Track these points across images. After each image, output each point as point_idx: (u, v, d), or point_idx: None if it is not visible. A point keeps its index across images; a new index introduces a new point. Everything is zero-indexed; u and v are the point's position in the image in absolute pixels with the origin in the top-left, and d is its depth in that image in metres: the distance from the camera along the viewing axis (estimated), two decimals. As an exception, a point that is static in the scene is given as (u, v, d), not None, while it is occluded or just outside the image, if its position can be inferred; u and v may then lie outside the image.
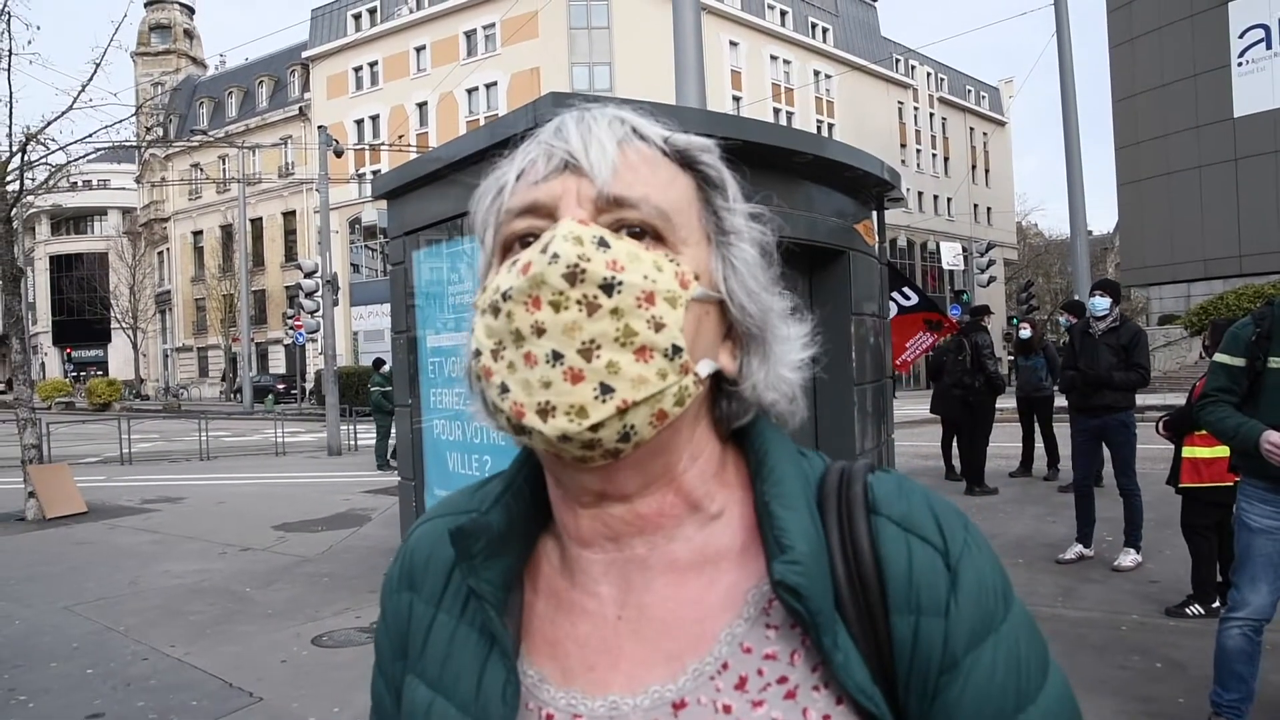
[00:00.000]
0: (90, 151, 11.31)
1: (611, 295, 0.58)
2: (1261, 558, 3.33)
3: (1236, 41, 23.02)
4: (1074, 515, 6.51)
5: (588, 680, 0.65)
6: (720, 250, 0.66)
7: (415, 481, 6.17)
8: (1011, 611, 0.64)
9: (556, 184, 0.63)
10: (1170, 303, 25.84)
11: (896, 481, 0.68)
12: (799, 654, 0.62)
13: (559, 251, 0.58)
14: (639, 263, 0.59)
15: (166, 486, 12.55)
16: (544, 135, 0.66)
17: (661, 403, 0.59)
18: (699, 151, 0.68)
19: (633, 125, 0.66)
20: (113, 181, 59.69)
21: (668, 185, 0.65)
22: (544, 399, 0.58)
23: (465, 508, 0.73)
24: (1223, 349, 3.47)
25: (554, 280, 0.58)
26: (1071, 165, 13.36)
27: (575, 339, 0.57)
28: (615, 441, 0.59)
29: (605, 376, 0.58)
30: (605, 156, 0.62)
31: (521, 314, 0.59)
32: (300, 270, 19.67)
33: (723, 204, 0.68)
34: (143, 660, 4.88)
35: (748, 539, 0.66)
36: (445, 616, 0.70)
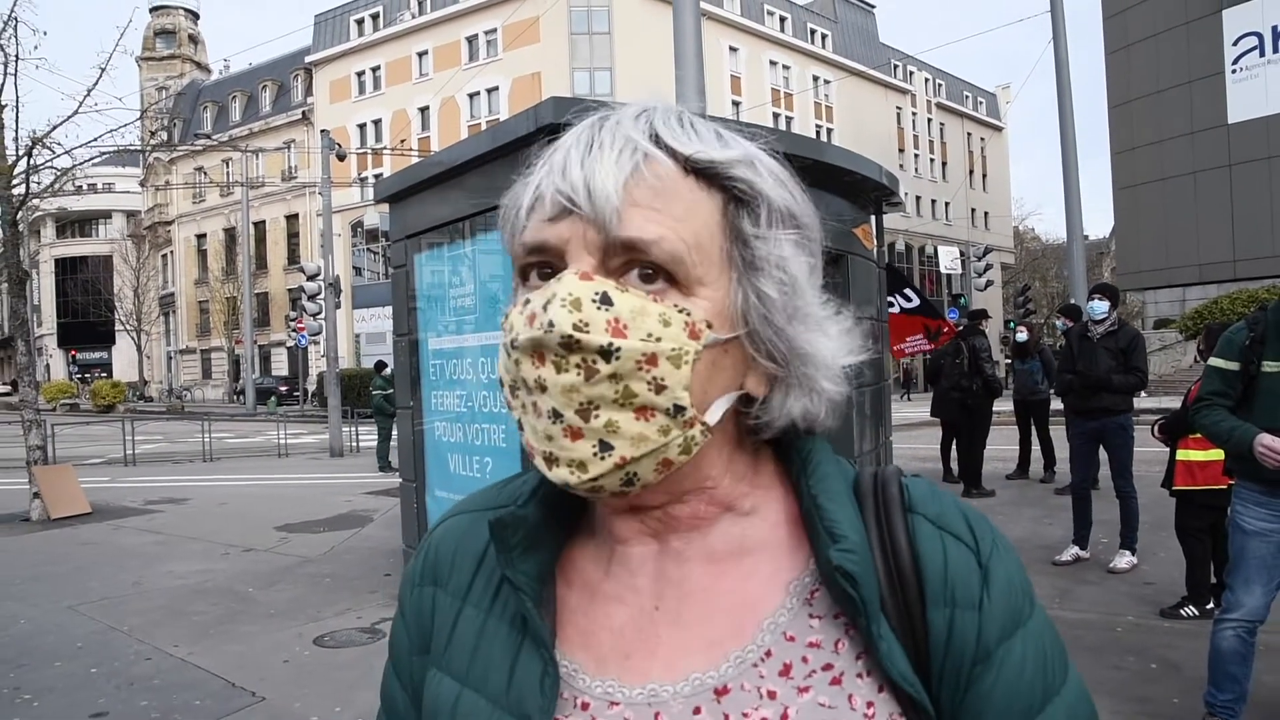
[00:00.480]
0: (95, 155, 11.35)
1: (610, 361, 0.58)
2: (1255, 560, 3.36)
3: (1231, 48, 23.07)
4: (1070, 517, 6.54)
5: (624, 668, 0.65)
6: (746, 284, 0.63)
7: (416, 483, 6.21)
8: (1036, 609, 0.67)
9: (564, 227, 0.61)
10: (1165, 307, 25.86)
11: (928, 485, 0.70)
12: (843, 642, 0.64)
13: (555, 320, 0.57)
14: (644, 319, 0.58)
15: (170, 487, 12.59)
16: (555, 163, 0.63)
17: (665, 454, 0.60)
18: (728, 167, 0.63)
19: (644, 150, 0.61)
20: (117, 185, 59.75)
21: (686, 216, 0.61)
22: (548, 449, 0.60)
23: (492, 504, 0.74)
24: (1217, 353, 3.50)
25: (551, 345, 0.58)
26: (1068, 170, 13.41)
27: (573, 400, 0.58)
28: (619, 487, 0.61)
29: (604, 435, 0.59)
30: (609, 202, 0.59)
31: (528, 366, 0.60)
32: (303, 273, 19.73)
33: (753, 230, 0.63)
34: (146, 660, 4.92)
35: (787, 533, 0.68)
36: (472, 610, 0.70)
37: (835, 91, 47.25)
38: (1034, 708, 0.64)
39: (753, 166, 0.64)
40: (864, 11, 52.64)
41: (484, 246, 5.41)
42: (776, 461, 0.72)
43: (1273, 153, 22.18)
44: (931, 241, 49.17)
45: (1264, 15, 22.41)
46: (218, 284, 47.43)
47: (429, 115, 40.96)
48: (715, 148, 0.63)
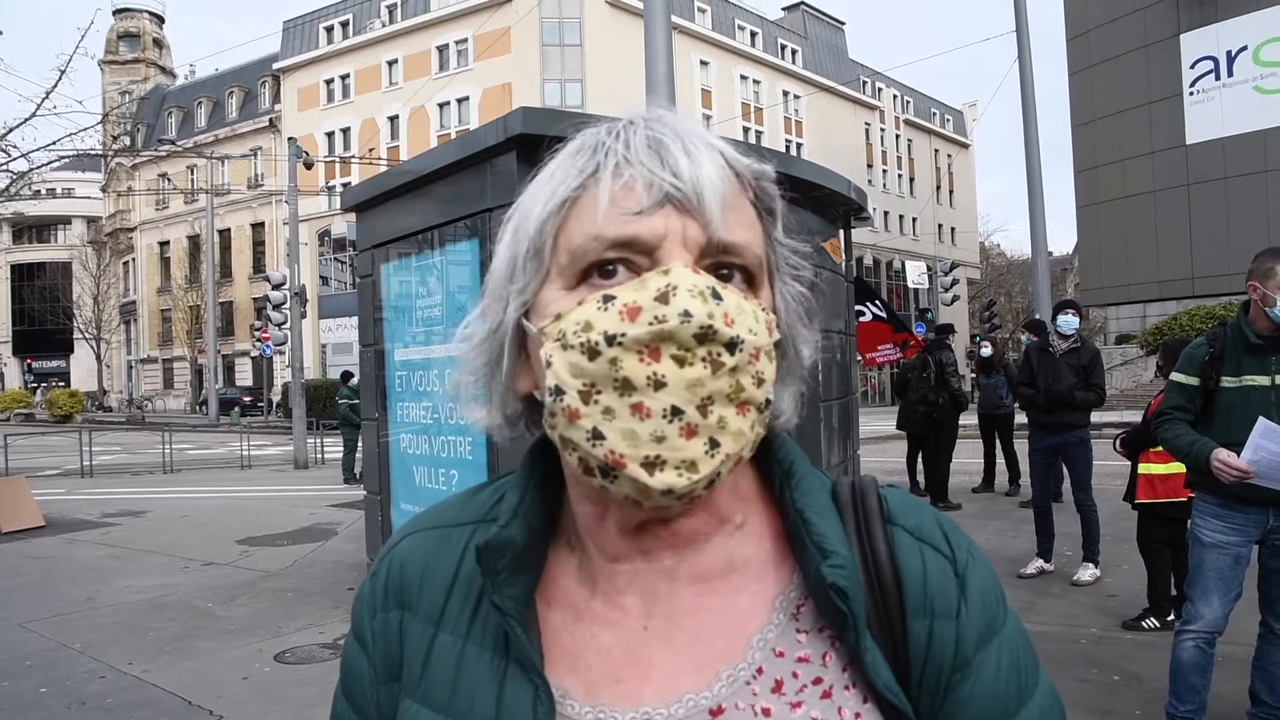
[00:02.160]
0: (54, 159, 11.15)
1: (734, 354, 0.56)
2: (1213, 572, 3.41)
3: (1188, 72, 23.70)
4: (1034, 530, 6.62)
5: (615, 693, 0.64)
6: (778, 288, 0.65)
7: (381, 496, 6.13)
8: (1009, 616, 0.69)
9: (659, 220, 0.58)
10: (1127, 323, 26.37)
11: (905, 496, 0.71)
12: (830, 655, 0.64)
13: (690, 310, 0.55)
14: (744, 316, 0.58)
15: (128, 500, 12.31)
16: (635, 153, 0.60)
17: (744, 450, 0.60)
18: (765, 180, 0.64)
19: (723, 154, 0.62)
20: (77, 190, 58.74)
21: (753, 224, 0.63)
22: (654, 453, 0.56)
23: (458, 519, 0.71)
24: (1178, 368, 3.56)
25: (683, 338, 0.55)
26: (1032, 188, 13.63)
27: (696, 395, 0.56)
28: (704, 489, 0.58)
29: (715, 432, 0.57)
30: (717, 198, 0.58)
31: (633, 364, 0.55)
32: (268, 282, 19.49)
33: (777, 237, 0.66)
34: (99, 678, 4.79)
35: (772, 548, 0.68)
36: (449, 636, 0.67)
37: (805, 107, 47.74)
38: (1009, 712, 0.66)
39: (772, 179, 0.66)
40: (834, 28, 53.30)
41: (453, 257, 5.37)
42: (755, 472, 0.70)
43: (1229, 173, 22.76)
44: (899, 256, 49.73)
45: (1219, 40, 23.06)
46: (181, 292, 46.70)
47: (398, 124, 40.75)
48: (744, 159, 0.64)
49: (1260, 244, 3.72)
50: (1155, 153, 24.23)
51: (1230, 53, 22.90)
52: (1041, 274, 14.06)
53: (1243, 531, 3.37)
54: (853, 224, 7.10)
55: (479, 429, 0.69)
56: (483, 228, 4.97)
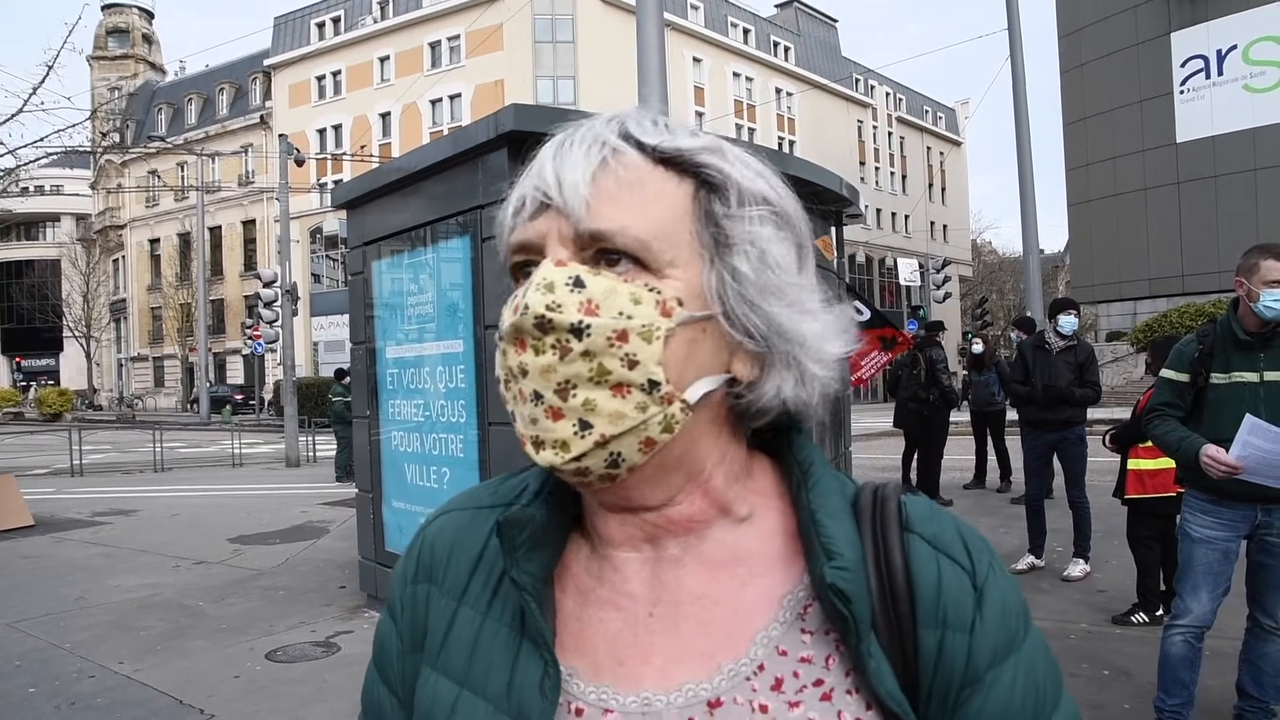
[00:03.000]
0: (42, 156, 11.09)
1: (581, 338, 0.59)
2: (1202, 567, 3.43)
3: (1179, 70, 23.78)
4: (1025, 526, 6.64)
5: (617, 675, 0.65)
6: (718, 264, 0.64)
7: (373, 493, 6.12)
8: (1031, 634, 0.67)
9: (541, 223, 0.64)
10: (1117, 320, 26.46)
11: (928, 504, 0.70)
12: (833, 658, 0.64)
13: (529, 303, 0.60)
14: (615, 298, 0.60)
15: (118, 499, 12.25)
16: (534, 167, 0.66)
17: (647, 431, 0.61)
18: (696, 154, 0.65)
19: (613, 145, 0.64)
20: (66, 187, 58.36)
21: (651, 204, 0.63)
22: (534, 433, 0.61)
23: (489, 500, 0.74)
24: (1168, 365, 3.59)
25: (528, 328, 0.60)
26: (1024, 185, 13.66)
27: (551, 380, 0.60)
28: (604, 468, 0.61)
29: (582, 414, 0.60)
30: (577, 194, 0.62)
31: (512, 354, 0.62)
32: (259, 280, 19.41)
33: (723, 210, 0.64)
34: (89, 678, 4.77)
35: (783, 545, 0.68)
36: (470, 611, 0.70)
37: (797, 104, 47.78)
38: None
39: (720, 153, 0.66)
40: (826, 25, 53.34)
41: (445, 254, 5.36)
42: (774, 471, 0.72)
43: (1218, 171, 22.86)
44: (891, 253, 49.83)
45: (1210, 39, 23.14)
46: (171, 290, 46.50)
47: (390, 121, 40.64)
48: (684, 139, 0.65)
49: (1249, 241, 3.74)
50: (1146, 151, 24.30)
51: (1220, 51, 22.98)
52: (1033, 271, 14.10)
53: (1231, 527, 3.39)
54: (844, 221, 7.11)
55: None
56: (474, 225, 4.97)
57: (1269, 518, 3.34)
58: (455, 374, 5.20)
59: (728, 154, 0.66)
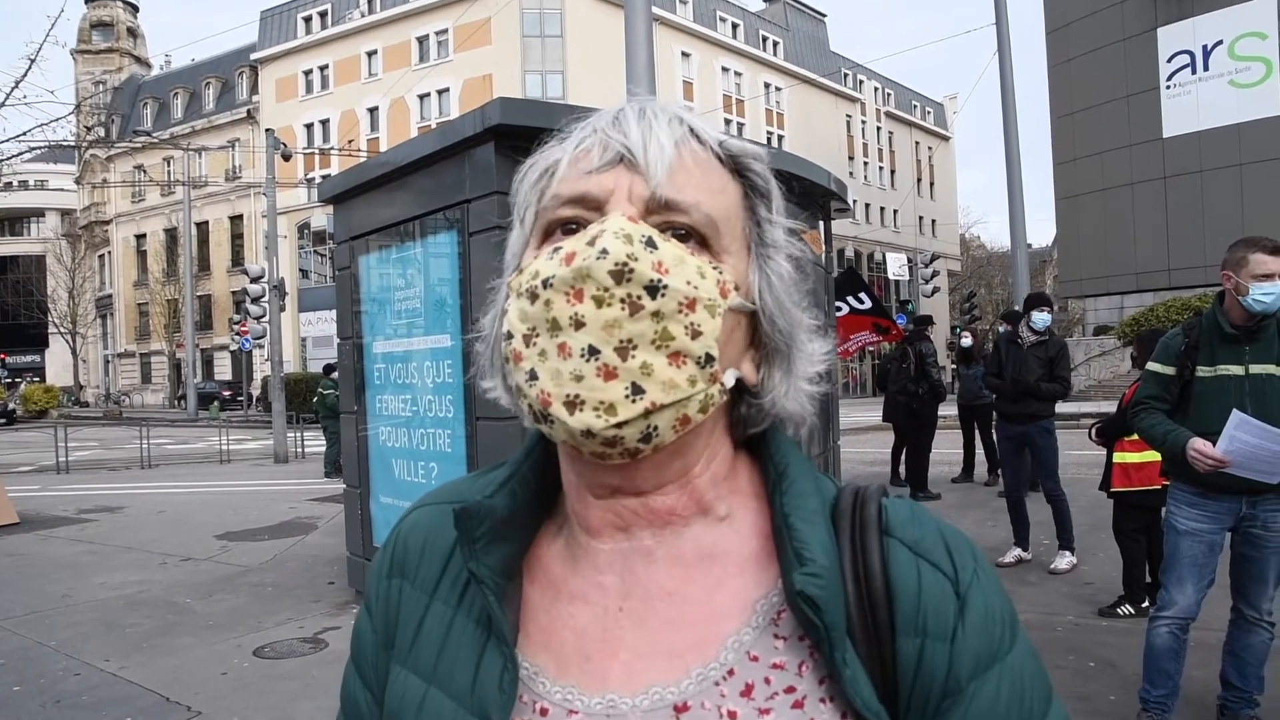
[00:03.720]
0: (24, 150, 11.00)
1: (655, 298, 0.57)
2: (1188, 559, 3.45)
3: (1165, 66, 23.91)
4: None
5: (584, 672, 0.64)
6: (759, 262, 0.66)
7: (360, 489, 6.10)
8: (1017, 643, 0.65)
9: (609, 177, 0.62)
10: (1105, 314, 26.62)
11: (910, 507, 0.68)
12: (806, 665, 0.62)
13: (608, 247, 0.57)
14: (684, 267, 0.59)
15: (105, 496, 12.17)
16: (600, 123, 0.65)
17: (687, 408, 0.59)
18: (751, 159, 0.67)
19: (690, 126, 0.65)
20: (51, 182, 57.95)
21: (718, 192, 0.64)
22: (574, 391, 0.57)
23: (463, 495, 0.72)
24: (1154, 358, 3.60)
25: (600, 275, 0.57)
26: (1012, 180, 13.71)
27: (614, 336, 0.57)
28: (636, 441, 0.59)
29: (638, 377, 0.57)
30: (663, 156, 0.62)
31: (561, 304, 0.58)
32: (247, 275, 19.32)
33: (766, 215, 0.67)
34: (74, 675, 4.74)
35: (759, 547, 0.67)
36: (441, 605, 0.69)
37: (786, 98, 47.79)
38: None
39: (764, 163, 0.68)
40: (815, 20, 53.35)
41: (433, 249, 5.34)
42: (754, 471, 0.71)
43: (1204, 166, 23.00)
44: (880, 248, 49.98)
45: (1195, 34, 23.27)
46: (158, 286, 46.21)
47: (378, 116, 40.46)
48: (737, 143, 0.67)
49: (1235, 236, 3.75)
50: (1133, 145, 24.43)
51: (1206, 47, 23.10)
52: (1021, 266, 14.15)
53: (1216, 519, 3.42)
54: (833, 215, 7.11)
55: (491, 397, 0.70)
56: (462, 219, 4.94)
57: (1253, 510, 3.36)
58: (443, 369, 5.18)
59: (767, 164, 0.69)
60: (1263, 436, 3.13)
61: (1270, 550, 3.38)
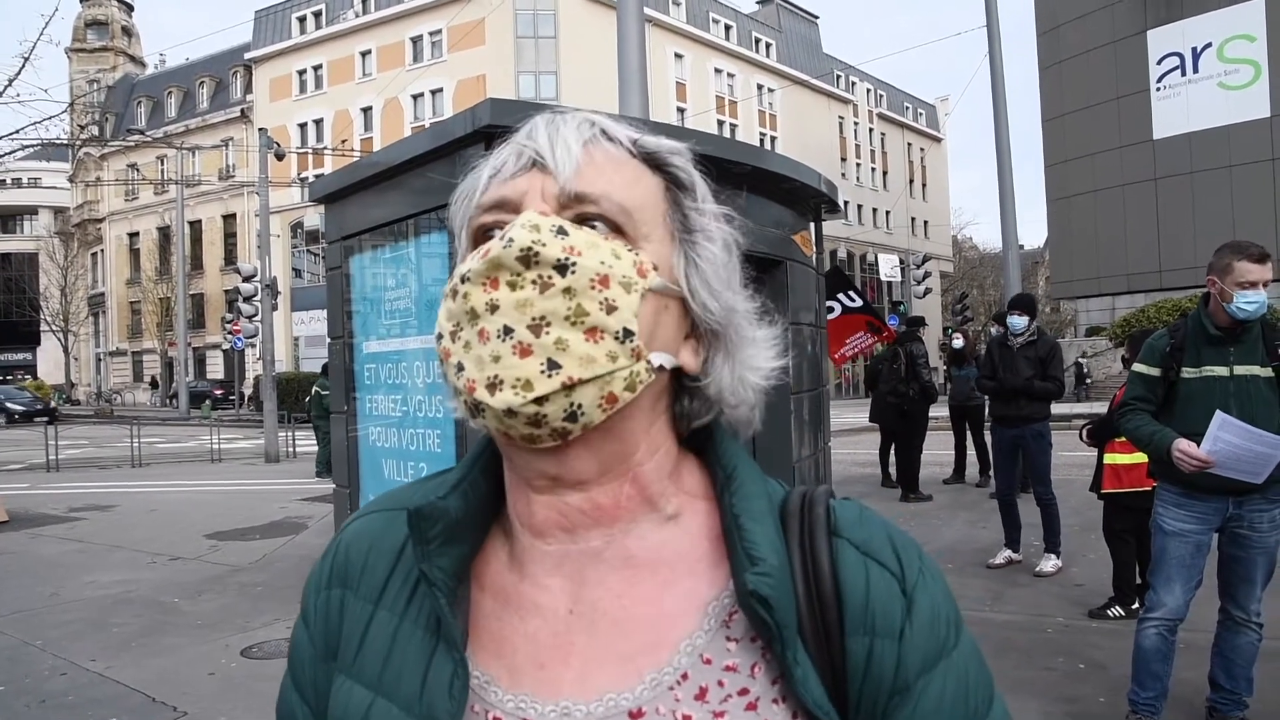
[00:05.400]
0: (18, 148, 10.95)
1: (565, 275, 0.59)
2: (1175, 560, 3.46)
3: (1155, 68, 24.02)
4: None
5: (537, 680, 0.64)
6: (684, 247, 0.67)
7: (350, 489, 6.08)
8: (962, 640, 0.66)
9: (523, 181, 0.65)
10: (1096, 315, 26.71)
11: (858, 509, 0.69)
12: (759, 667, 0.62)
13: (514, 236, 0.59)
14: (596, 250, 0.60)
15: (95, 494, 12.13)
16: (517, 137, 0.67)
17: (611, 385, 0.59)
18: (668, 154, 0.69)
19: (602, 128, 0.67)
20: (44, 180, 57.70)
21: (631, 184, 0.66)
22: (493, 373, 0.58)
23: (407, 501, 0.71)
24: (1140, 359, 3.62)
25: (510, 262, 0.59)
26: (1003, 181, 13.73)
27: (526, 314, 0.58)
28: (562, 420, 0.59)
29: (553, 353, 0.58)
30: (570, 155, 0.64)
31: (478, 294, 0.59)
32: (239, 274, 19.26)
33: (690, 204, 0.68)
34: (61, 675, 4.71)
35: (709, 549, 0.67)
36: (386, 614, 0.68)
37: (779, 100, 47.84)
38: None
39: (685, 157, 0.70)
40: (807, 21, 53.42)
41: (424, 249, 5.33)
42: (702, 473, 0.71)
43: (1195, 168, 23.10)
44: (872, 249, 50.03)
45: (1185, 37, 23.38)
46: (151, 284, 46.01)
47: (372, 116, 40.38)
48: (655, 140, 0.69)
49: (1224, 237, 3.77)
50: (1123, 147, 24.53)
51: (1195, 49, 23.22)
52: (1013, 267, 14.16)
53: (1203, 520, 3.43)
54: (824, 217, 7.11)
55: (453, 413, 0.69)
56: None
57: (1240, 510, 3.38)
58: (434, 369, 5.15)
59: (690, 158, 0.70)
60: (1245, 437, 3.15)
61: (1257, 551, 3.40)
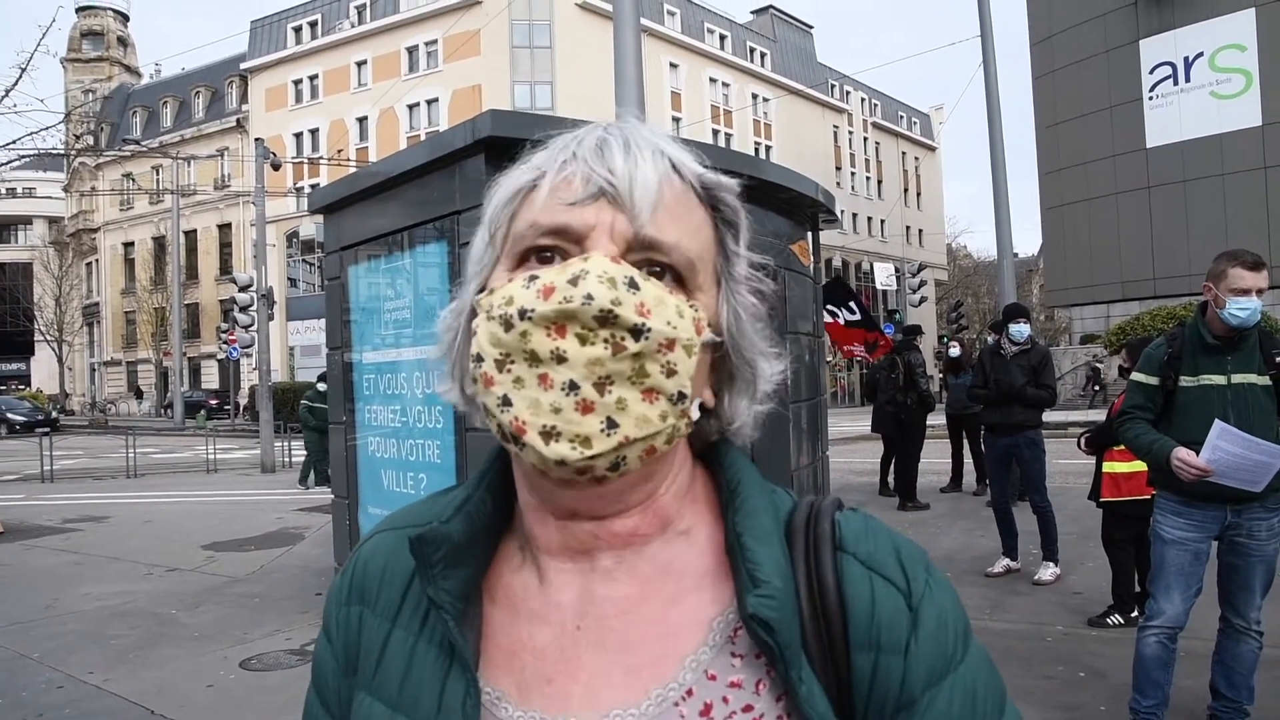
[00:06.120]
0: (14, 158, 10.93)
1: (638, 340, 0.58)
2: (1174, 568, 3.47)
3: (1147, 77, 24.16)
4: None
5: (545, 695, 0.64)
6: (728, 296, 0.67)
7: (349, 500, 6.07)
8: (970, 652, 0.66)
9: (591, 212, 0.62)
10: (1091, 323, 26.77)
11: (863, 521, 0.69)
12: (764, 683, 0.63)
13: (593, 293, 0.57)
14: (664, 308, 0.59)
15: (90, 505, 12.08)
16: (583, 151, 0.64)
17: (655, 441, 0.60)
18: (724, 191, 0.68)
19: (671, 159, 0.65)
20: (39, 190, 57.57)
21: (696, 231, 0.65)
22: (551, 423, 0.58)
23: (420, 519, 0.72)
24: (1139, 368, 3.63)
25: (586, 319, 0.57)
26: (998, 190, 13.76)
27: (594, 373, 0.57)
28: (605, 470, 0.59)
29: (613, 412, 0.58)
30: (648, 195, 0.61)
31: (541, 338, 0.58)
32: (235, 284, 19.24)
33: (734, 249, 0.68)
34: (58, 688, 4.68)
35: (714, 564, 0.67)
36: (402, 632, 0.69)
37: (774, 109, 47.98)
38: None
39: (734, 193, 0.69)
40: (802, 31, 53.62)
41: (422, 259, 5.34)
42: (709, 481, 0.71)
43: (1187, 176, 23.21)
44: (868, 258, 50.15)
45: (1177, 46, 23.52)
46: (146, 294, 45.91)
47: (367, 126, 40.41)
48: (711, 174, 0.67)
49: (1219, 245, 3.80)
50: (1117, 156, 24.64)
51: (1188, 59, 23.36)
52: (1007, 275, 14.19)
53: (1202, 528, 3.43)
54: (821, 226, 7.14)
55: (447, 400, 0.70)
56: (451, 230, 4.95)
57: (1238, 518, 3.38)
58: (432, 379, 5.15)
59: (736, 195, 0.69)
60: (1244, 446, 3.16)
61: (1256, 558, 3.41)
